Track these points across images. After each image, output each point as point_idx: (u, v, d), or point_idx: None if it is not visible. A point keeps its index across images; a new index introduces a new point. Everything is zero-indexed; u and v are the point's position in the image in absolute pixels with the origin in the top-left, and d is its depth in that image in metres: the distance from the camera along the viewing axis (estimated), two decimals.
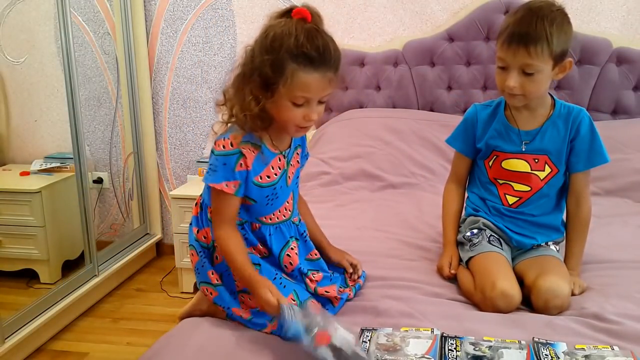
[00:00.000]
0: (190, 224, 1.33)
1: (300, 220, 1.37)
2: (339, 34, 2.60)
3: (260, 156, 1.20)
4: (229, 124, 1.21)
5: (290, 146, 1.29)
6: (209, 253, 1.29)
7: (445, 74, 2.47)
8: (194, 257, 1.30)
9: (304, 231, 1.37)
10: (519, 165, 1.47)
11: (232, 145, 1.18)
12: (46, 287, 2.46)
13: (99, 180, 2.90)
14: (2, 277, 2.55)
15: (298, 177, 1.35)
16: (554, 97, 1.48)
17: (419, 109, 2.51)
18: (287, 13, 1.15)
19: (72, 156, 2.41)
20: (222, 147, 1.18)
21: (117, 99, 2.83)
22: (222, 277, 1.28)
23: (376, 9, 2.56)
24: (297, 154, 1.33)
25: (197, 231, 1.30)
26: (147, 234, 2.95)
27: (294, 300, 1.23)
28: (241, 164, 1.18)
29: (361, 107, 2.56)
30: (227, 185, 1.18)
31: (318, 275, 1.32)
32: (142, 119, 2.82)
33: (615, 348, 1.11)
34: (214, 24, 2.72)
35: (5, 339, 1.96)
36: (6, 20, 2.73)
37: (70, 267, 2.59)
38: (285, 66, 1.11)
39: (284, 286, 1.25)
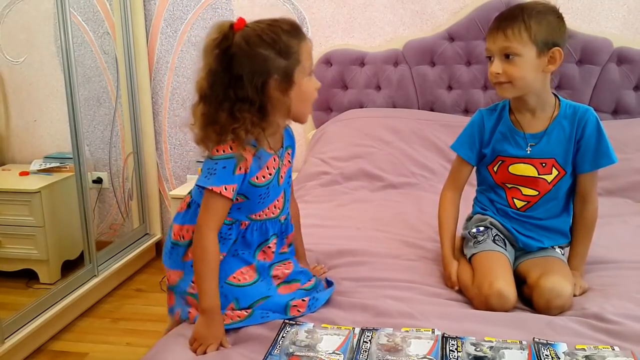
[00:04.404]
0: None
1: (287, 219, 1.37)
2: (339, 33, 2.60)
3: (257, 158, 1.22)
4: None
5: (282, 146, 1.31)
6: (180, 250, 1.32)
7: (446, 74, 2.47)
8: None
9: (286, 231, 1.37)
10: (526, 170, 1.45)
11: (231, 149, 1.18)
12: (46, 287, 2.45)
13: (99, 180, 2.89)
14: (2, 277, 2.55)
15: (290, 176, 1.37)
16: (560, 97, 1.46)
17: (419, 109, 2.50)
18: (225, 37, 1.23)
19: (71, 156, 2.40)
20: (222, 152, 1.19)
21: (117, 98, 2.82)
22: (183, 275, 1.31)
23: (376, 8, 2.55)
24: (288, 154, 1.35)
25: (180, 228, 1.33)
26: (147, 234, 2.95)
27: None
28: (240, 167, 1.19)
29: (361, 107, 2.55)
30: (225, 188, 1.18)
31: (288, 265, 1.34)
32: (142, 119, 2.82)
33: (616, 348, 1.10)
34: (214, 23, 2.71)
35: (5, 339, 1.95)
36: (6, 20, 2.73)
37: (69, 267, 2.58)
38: (291, 45, 1.18)
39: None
